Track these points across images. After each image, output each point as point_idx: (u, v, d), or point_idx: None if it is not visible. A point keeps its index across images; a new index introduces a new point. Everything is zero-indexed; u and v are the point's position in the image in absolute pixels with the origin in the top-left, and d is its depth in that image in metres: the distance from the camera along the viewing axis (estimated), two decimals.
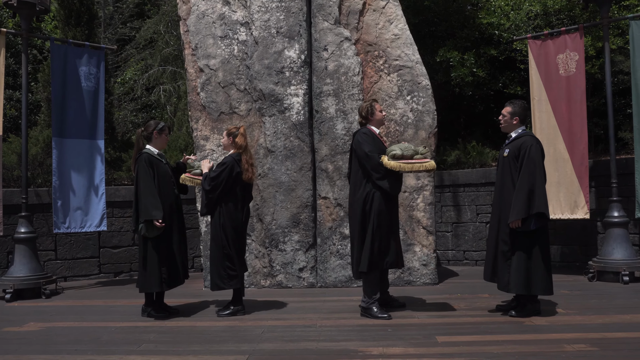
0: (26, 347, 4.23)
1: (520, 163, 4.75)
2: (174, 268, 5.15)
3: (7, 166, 7.92)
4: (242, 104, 6.78)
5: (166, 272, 5.06)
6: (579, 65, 6.88)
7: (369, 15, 6.78)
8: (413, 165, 4.80)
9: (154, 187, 5.01)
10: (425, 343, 4.06)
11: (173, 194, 5.23)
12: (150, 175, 5.03)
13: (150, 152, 5.18)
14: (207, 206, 5.17)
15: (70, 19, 8.76)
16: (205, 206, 5.18)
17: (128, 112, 13.12)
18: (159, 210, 4.93)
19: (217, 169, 5.15)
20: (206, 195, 5.15)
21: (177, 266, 5.17)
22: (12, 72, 11.05)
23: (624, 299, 5.54)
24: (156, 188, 5.02)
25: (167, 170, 5.25)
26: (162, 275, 5.03)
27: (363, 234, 4.90)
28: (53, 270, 7.54)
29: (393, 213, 5.07)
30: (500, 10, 9.08)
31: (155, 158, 5.17)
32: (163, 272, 5.04)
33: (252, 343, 4.18)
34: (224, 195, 5.12)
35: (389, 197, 4.95)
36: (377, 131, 5.17)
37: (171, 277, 5.12)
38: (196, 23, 6.91)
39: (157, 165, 5.13)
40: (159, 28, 13.99)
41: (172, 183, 5.26)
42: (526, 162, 4.71)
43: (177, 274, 5.18)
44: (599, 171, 7.48)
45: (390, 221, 4.99)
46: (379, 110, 5.16)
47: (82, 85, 7.13)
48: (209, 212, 5.18)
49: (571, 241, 7.84)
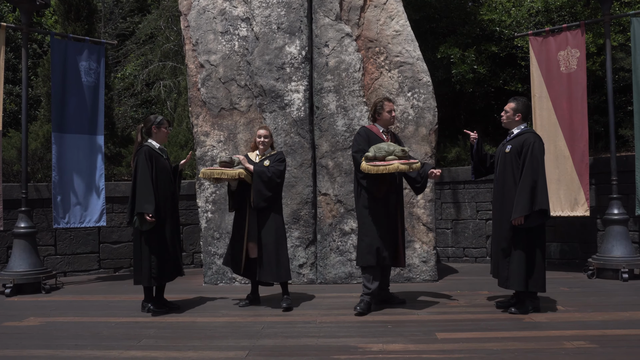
0: (26, 342, 4.23)
1: (523, 160, 4.74)
2: (164, 263, 5.10)
3: (7, 161, 7.91)
4: (242, 100, 6.77)
5: (155, 267, 5.02)
6: (580, 62, 6.87)
7: (370, 12, 6.76)
8: (378, 167, 4.76)
9: (150, 181, 4.98)
10: (425, 339, 4.07)
11: (169, 190, 5.21)
12: (148, 169, 5.01)
13: (151, 145, 5.18)
14: (270, 199, 5.22)
15: (70, 13, 8.74)
16: (269, 199, 5.21)
17: (128, 107, 13.10)
18: (150, 204, 4.91)
19: (281, 164, 5.32)
20: (275, 187, 5.24)
21: (167, 261, 5.12)
22: (11, 67, 11.03)
23: (623, 297, 5.54)
24: (153, 182, 5.01)
25: (167, 165, 5.24)
26: (152, 270, 5.01)
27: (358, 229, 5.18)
28: (53, 265, 7.54)
29: (384, 211, 5.01)
30: (502, 6, 9.06)
31: (156, 152, 5.16)
32: (153, 267, 5.02)
33: (252, 339, 4.18)
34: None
35: (373, 196, 5.01)
36: (380, 129, 5.16)
37: (160, 272, 5.08)
38: (197, 18, 6.89)
39: (157, 159, 5.13)
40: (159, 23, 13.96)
41: (170, 179, 5.24)
42: (529, 159, 4.69)
43: (167, 269, 5.14)
44: (599, 168, 7.48)
45: (379, 219, 4.99)
46: (387, 110, 5.13)
47: (82, 80, 7.12)
48: (269, 204, 5.23)
49: (571, 238, 7.84)
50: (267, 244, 5.20)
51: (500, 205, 4.90)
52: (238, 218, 5.38)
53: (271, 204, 5.25)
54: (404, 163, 4.77)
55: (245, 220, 5.29)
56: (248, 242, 5.28)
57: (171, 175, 5.29)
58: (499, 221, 4.91)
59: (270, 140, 5.43)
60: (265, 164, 5.28)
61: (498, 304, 5.07)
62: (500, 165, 4.96)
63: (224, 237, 6.61)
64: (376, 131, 5.16)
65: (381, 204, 5.01)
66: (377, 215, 4.99)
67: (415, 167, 4.83)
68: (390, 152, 4.84)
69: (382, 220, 5.00)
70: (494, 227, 5.05)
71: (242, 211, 5.34)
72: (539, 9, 8.60)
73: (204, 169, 5.32)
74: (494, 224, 5.06)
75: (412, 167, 4.82)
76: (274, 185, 5.23)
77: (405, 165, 4.76)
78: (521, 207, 4.63)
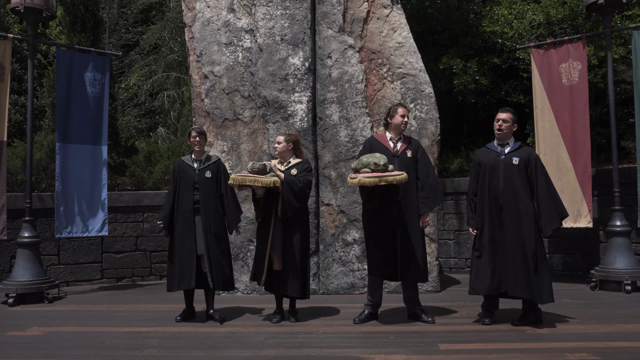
0: (29, 352, 4.24)
1: (531, 173, 4.77)
2: (175, 272, 5.16)
3: (12, 170, 7.95)
4: (246, 111, 6.82)
5: (168, 273, 5.29)
6: (582, 75, 6.91)
7: (372, 23, 6.82)
8: (352, 181, 4.73)
9: (171, 193, 5.31)
10: (428, 350, 4.06)
11: (191, 200, 5.20)
12: (172, 182, 5.37)
13: (184, 159, 5.39)
14: (298, 210, 5.05)
15: (75, 24, 8.82)
16: (297, 210, 5.03)
17: (132, 117, 13.18)
18: (163, 213, 5.30)
19: (309, 174, 5.14)
20: (304, 198, 5.09)
21: (177, 270, 5.15)
22: (17, 77, 11.10)
23: (626, 308, 5.53)
24: (174, 194, 5.27)
25: (193, 176, 5.23)
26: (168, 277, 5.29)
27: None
28: (56, 274, 7.55)
29: (380, 223, 4.92)
30: (504, 18, 9.11)
31: (186, 164, 5.32)
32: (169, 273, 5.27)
33: (255, 349, 4.18)
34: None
35: (365, 207, 5.05)
36: (388, 137, 5.09)
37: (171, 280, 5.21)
38: (201, 30, 6.96)
39: (183, 171, 5.29)
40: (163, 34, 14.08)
41: (193, 189, 5.21)
42: (542, 172, 4.78)
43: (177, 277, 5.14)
44: (601, 180, 7.48)
45: (375, 231, 4.97)
46: (400, 114, 5.02)
47: (87, 91, 7.17)
48: (296, 215, 5.07)
49: (574, 250, 7.83)
50: (291, 257, 5.00)
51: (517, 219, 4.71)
52: (262, 228, 5.17)
53: (298, 216, 5.09)
54: (372, 177, 4.62)
55: (269, 231, 5.07)
56: (272, 253, 5.06)
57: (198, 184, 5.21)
58: (517, 235, 4.70)
59: (288, 146, 5.17)
60: (292, 173, 5.08)
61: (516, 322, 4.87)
62: (504, 176, 4.79)
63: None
64: (382, 140, 5.10)
65: (378, 216, 4.94)
66: (372, 227, 5.00)
67: (389, 179, 4.61)
68: (365, 165, 4.76)
69: (378, 232, 4.94)
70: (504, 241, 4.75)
71: (266, 221, 5.13)
72: (540, 21, 8.64)
73: (233, 175, 5.07)
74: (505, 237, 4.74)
75: (385, 180, 4.60)
76: (304, 196, 5.06)
77: (371, 178, 4.61)
78: (551, 219, 4.69)
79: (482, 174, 4.92)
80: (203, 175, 5.23)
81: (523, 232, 4.69)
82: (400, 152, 5.01)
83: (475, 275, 4.87)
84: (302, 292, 5.09)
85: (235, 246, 6.61)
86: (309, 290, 5.21)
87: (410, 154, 5.00)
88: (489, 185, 4.86)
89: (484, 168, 4.91)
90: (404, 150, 5.02)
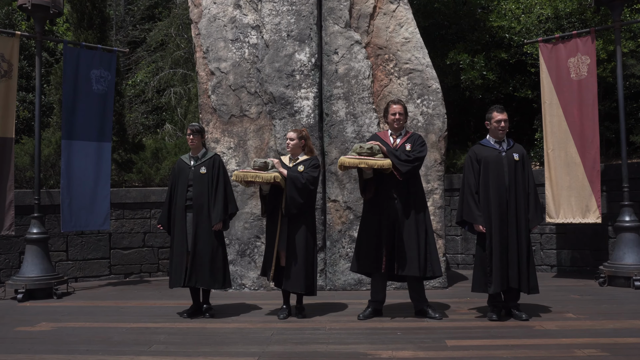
0: (38, 347, 4.27)
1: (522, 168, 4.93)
2: (171, 270, 5.24)
3: (20, 167, 8.00)
4: (252, 107, 6.81)
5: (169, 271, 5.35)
6: (591, 69, 6.85)
7: (379, 19, 6.79)
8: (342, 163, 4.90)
9: (169, 193, 5.36)
10: (435, 347, 4.06)
11: (184, 198, 5.21)
12: (170, 181, 5.41)
13: (183, 157, 5.42)
14: (302, 206, 5.05)
15: (82, 21, 8.85)
16: (301, 206, 5.02)
17: (139, 114, 13.21)
18: (161, 214, 5.43)
19: (315, 170, 5.13)
20: (309, 194, 5.08)
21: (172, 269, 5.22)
22: (25, 75, 11.15)
23: (635, 304, 5.49)
24: (171, 194, 5.32)
25: (189, 174, 5.25)
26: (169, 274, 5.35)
27: None
28: (64, 270, 7.60)
29: (377, 219, 4.93)
30: (511, 13, 9.05)
31: (184, 163, 5.34)
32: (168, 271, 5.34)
33: (262, 345, 4.19)
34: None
35: (367, 202, 5.07)
36: (389, 132, 5.14)
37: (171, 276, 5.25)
38: (207, 26, 6.96)
39: (181, 170, 5.31)
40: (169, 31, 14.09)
41: (188, 186, 5.22)
42: (530, 168, 5.00)
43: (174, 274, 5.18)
44: (610, 175, 7.43)
45: (369, 226, 4.99)
46: (391, 113, 5.07)
47: (93, 88, 7.19)
48: (301, 211, 5.07)
49: (582, 245, 7.78)
50: (295, 253, 5.01)
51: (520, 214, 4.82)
52: (270, 224, 5.20)
53: (303, 211, 5.08)
54: (353, 158, 4.81)
55: (277, 226, 5.10)
56: (279, 249, 5.09)
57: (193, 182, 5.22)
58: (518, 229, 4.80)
59: (300, 143, 5.19)
60: (299, 169, 5.10)
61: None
62: (509, 172, 4.84)
63: (233, 243, 6.64)
64: (383, 136, 5.15)
65: (376, 211, 4.95)
66: (368, 222, 5.02)
67: (369, 162, 4.73)
68: (354, 150, 4.92)
69: (374, 228, 4.94)
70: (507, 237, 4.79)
71: (274, 217, 5.15)
72: (548, 15, 8.58)
73: (236, 172, 5.14)
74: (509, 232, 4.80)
75: (366, 163, 4.73)
76: (308, 192, 5.05)
77: (351, 159, 4.80)
78: (538, 216, 4.93)
79: (483, 171, 4.91)
80: (198, 171, 5.23)
81: (521, 226, 4.84)
82: (399, 146, 5.03)
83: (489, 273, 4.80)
84: (307, 288, 5.08)
85: (242, 242, 6.63)
86: (315, 286, 5.20)
87: (410, 147, 5.00)
88: (492, 181, 4.86)
89: (486, 165, 4.90)
90: (403, 144, 5.02)
